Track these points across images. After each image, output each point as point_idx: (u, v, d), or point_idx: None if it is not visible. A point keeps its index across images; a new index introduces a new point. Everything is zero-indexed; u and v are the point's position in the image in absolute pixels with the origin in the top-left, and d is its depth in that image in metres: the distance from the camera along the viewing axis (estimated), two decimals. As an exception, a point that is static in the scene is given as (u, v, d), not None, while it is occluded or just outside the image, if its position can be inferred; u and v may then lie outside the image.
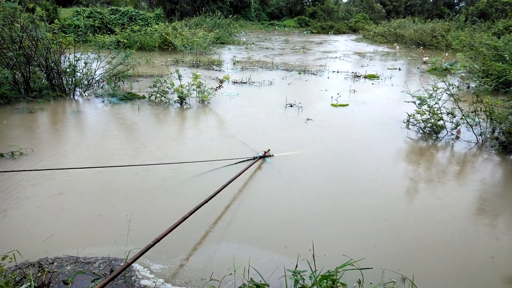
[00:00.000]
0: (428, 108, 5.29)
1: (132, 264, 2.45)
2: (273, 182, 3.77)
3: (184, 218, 2.54)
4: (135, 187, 3.52)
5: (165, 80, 6.88)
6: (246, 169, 3.49)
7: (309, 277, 2.09)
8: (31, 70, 6.54)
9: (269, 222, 3.05)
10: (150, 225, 2.93)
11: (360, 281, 2.22)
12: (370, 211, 3.25)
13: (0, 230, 2.78)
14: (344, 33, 33.30)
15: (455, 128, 5.28)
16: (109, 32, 15.69)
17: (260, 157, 3.91)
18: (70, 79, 7.02)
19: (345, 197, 3.50)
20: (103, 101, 6.73)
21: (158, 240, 2.28)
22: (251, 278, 2.11)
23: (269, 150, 4.19)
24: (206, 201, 2.83)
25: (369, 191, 3.61)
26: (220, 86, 6.97)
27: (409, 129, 5.56)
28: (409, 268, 2.45)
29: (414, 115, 5.46)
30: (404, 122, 5.75)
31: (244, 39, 20.72)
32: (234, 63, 11.86)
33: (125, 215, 3.00)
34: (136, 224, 2.89)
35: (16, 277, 2.23)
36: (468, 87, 8.38)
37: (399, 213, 3.25)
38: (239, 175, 3.28)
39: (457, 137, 5.23)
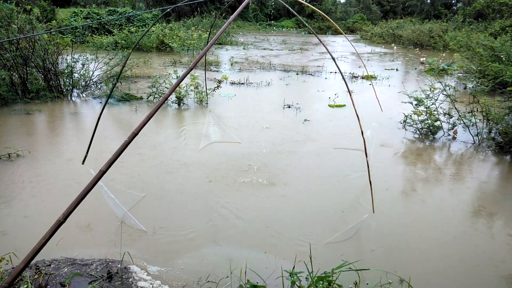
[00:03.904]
0: (425, 109, 5.31)
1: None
2: (269, 185, 3.77)
3: (178, 83, 1.75)
4: (130, 187, 3.52)
5: (164, 81, 6.88)
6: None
7: (306, 278, 2.09)
8: (28, 71, 6.52)
9: (266, 224, 3.05)
10: (146, 226, 2.93)
11: (356, 282, 2.23)
12: (366, 212, 3.25)
13: (-3, 232, 2.78)
14: (341, 33, 33.37)
15: (452, 128, 5.30)
16: (106, 33, 15.66)
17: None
18: (67, 80, 7.01)
19: (342, 198, 3.51)
20: (100, 102, 6.72)
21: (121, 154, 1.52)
22: (247, 280, 2.12)
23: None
24: (205, 52, 2.07)
25: (365, 192, 3.61)
26: (218, 86, 6.97)
27: (406, 129, 5.57)
28: (407, 270, 2.46)
29: (411, 115, 5.47)
30: (401, 123, 5.77)
31: (242, 40, 20.71)
32: (232, 64, 11.85)
33: (122, 216, 3.00)
34: (131, 227, 2.89)
35: (12, 280, 2.23)
36: (465, 88, 8.41)
37: (395, 215, 3.26)
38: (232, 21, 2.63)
39: (454, 138, 5.25)
